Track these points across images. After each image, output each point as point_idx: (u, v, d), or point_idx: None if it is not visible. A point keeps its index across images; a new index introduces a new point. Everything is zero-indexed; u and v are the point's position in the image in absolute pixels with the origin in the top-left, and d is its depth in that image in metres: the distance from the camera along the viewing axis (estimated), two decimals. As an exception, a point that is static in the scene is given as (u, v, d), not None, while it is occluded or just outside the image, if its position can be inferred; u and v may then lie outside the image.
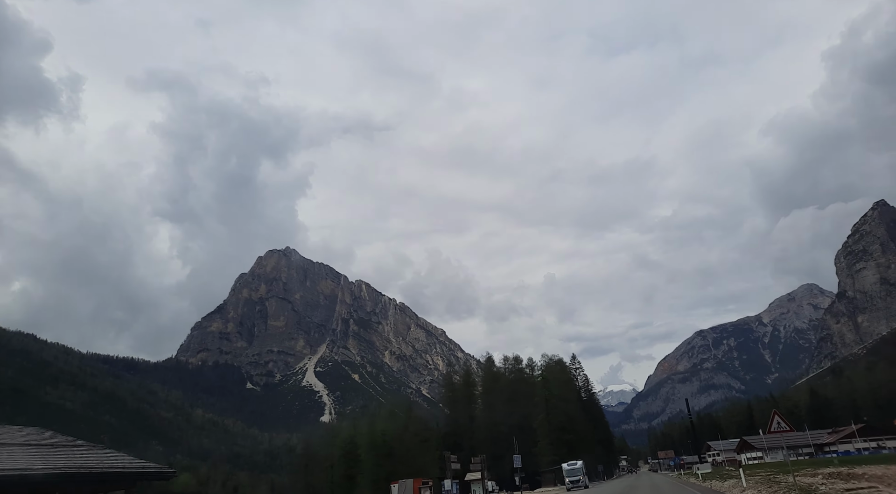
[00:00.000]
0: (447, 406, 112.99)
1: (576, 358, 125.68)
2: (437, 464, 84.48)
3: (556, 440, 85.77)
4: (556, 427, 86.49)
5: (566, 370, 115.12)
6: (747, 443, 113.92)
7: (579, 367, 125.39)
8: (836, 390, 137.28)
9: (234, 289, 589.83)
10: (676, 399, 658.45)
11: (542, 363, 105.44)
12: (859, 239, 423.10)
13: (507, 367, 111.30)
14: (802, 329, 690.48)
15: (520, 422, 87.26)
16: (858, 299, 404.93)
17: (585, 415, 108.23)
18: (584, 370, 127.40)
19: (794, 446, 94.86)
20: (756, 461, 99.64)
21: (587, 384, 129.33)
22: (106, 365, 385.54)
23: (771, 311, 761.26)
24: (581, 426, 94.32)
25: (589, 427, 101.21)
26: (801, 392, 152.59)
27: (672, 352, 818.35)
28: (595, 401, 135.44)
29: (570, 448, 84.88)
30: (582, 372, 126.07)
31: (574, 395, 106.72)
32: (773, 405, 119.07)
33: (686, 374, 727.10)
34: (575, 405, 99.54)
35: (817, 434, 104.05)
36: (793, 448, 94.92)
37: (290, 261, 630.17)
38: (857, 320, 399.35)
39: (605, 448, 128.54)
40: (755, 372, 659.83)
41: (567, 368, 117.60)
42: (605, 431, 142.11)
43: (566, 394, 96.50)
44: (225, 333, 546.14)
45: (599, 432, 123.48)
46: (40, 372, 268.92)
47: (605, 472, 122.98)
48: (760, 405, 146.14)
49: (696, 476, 66.65)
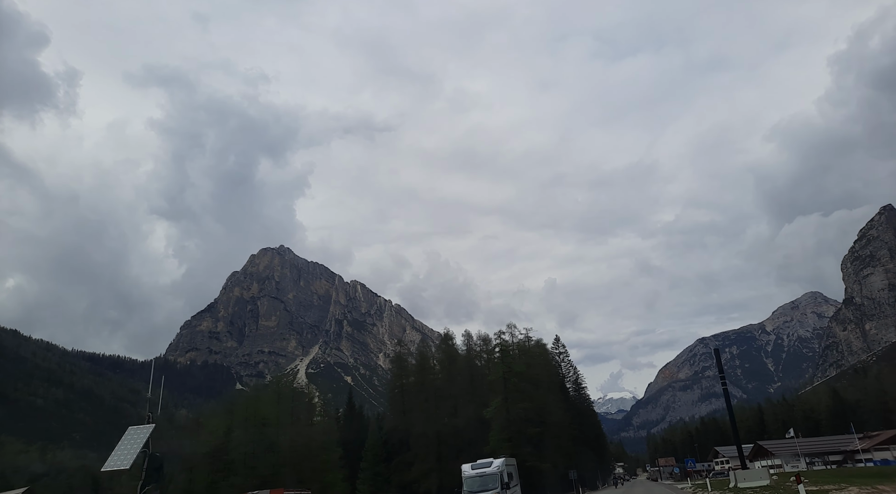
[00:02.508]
0: (395, 397, 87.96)
1: (560, 341, 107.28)
2: (343, 473, 69.63)
3: (517, 435, 64.30)
4: (518, 418, 65.43)
5: (546, 353, 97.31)
6: (763, 449, 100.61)
7: (563, 352, 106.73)
8: (861, 391, 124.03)
9: (226, 288, 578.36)
10: (677, 407, 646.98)
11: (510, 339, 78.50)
12: (866, 244, 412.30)
13: (473, 346, 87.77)
14: (806, 338, 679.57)
15: (479, 415, 68.73)
16: (866, 305, 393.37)
17: (570, 411, 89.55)
18: (569, 356, 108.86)
19: (817, 453, 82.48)
20: (773, 470, 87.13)
21: (575, 375, 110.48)
22: (89, 363, 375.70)
23: (774, 319, 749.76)
24: (555, 419, 74.35)
25: (565, 421, 80.00)
26: (817, 395, 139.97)
27: (673, 359, 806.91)
28: (585, 397, 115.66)
29: (537, 447, 65.99)
30: (567, 358, 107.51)
31: (552, 381, 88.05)
32: (787, 408, 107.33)
33: (687, 382, 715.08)
34: (556, 397, 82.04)
35: (844, 439, 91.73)
36: (817, 455, 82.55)
37: (284, 260, 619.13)
38: (864, 327, 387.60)
39: (595, 453, 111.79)
40: (758, 381, 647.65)
41: (548, 351, 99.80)
42: (596, 431, 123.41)
43: (537, 376, 76.93)
44: (215, 332, 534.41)
45: (586, 431, 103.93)
46: (13, 369, 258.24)
47: (586, 481, 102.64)
48: (773, 408, 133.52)
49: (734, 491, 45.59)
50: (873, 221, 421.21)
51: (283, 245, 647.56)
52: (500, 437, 63.32)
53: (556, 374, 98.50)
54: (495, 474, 39.21)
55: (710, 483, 55.55)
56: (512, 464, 44.37)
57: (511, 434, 63.75)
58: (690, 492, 59.21)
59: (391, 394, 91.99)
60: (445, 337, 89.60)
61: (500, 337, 74.27)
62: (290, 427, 66.91)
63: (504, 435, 63.56)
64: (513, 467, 44.47)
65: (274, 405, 68.34)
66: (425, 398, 75.71)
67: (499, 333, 74.61)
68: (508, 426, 64.32)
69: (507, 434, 63.66)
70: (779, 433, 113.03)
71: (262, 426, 62.05)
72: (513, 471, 43.43)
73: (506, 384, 66.85)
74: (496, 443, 62.29)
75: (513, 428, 64.36)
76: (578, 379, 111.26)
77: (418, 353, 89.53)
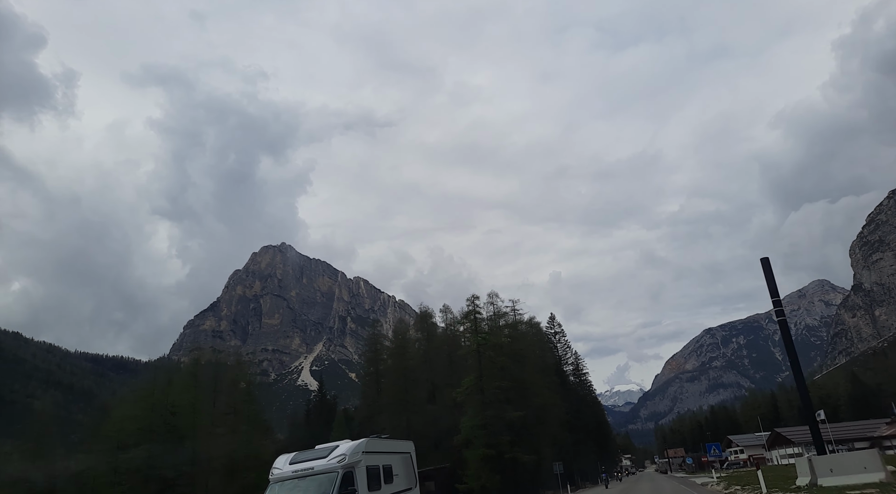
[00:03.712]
0: (368, 384, 77.77)
1: (555, 319, 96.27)
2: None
3: (494, 419, 53.57)
4: (495, 399, 54.56)
5: (540, 332, 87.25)
6: (781, 436, 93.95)
7: (560, 332, 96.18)
8: (882, 374, 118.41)
9: (228, 286, 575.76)
10: (684, 399, 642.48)
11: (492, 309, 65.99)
12: (875, 229, 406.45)
13: (450, 324, 75.08)
14: (814, 326, 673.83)
15: (459, 401, 57.45)
16: (875, 291, 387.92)
17: (569, 399, 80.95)
18: (566, 336, 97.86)
19: (842, 439, 77.42)
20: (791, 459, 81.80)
21: (574, 360, 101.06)
22: (92, 364, 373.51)
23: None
24: (544, 403, 63.82)
25: (558, 406, 69.41)
26: (834, 380, 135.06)
27: (680, 350, 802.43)
28: (586, 384, 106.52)
29: (520, 435, 55.57)
30: (564, 338, 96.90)
31: (546, 364, 79.37)
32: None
33: (694, 373, 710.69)
34: (551, 380, 72.88)
35: (868, 425, 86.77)
36: (841, 441, 77.63)
37: (286, 257, 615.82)
38: (874, 313, 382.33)
39: (597, 444, 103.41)
40: (765, 370, 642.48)
41: (542, 331, 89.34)
42: (598, 420, 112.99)
43: (523, 351, 66.28)
44: (218, 331, 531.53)
45: (586, 420, 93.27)
46: (11, 370, 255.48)
47: (588, 475, 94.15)
48: (787, 395, 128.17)
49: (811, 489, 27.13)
50: (882, 205, 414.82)
51: (284, 242, 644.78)
52: (472, 423, 53.64)
53: (551, 356, 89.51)
54: (331, 474, 18.65)
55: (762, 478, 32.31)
56: (397, 452, 24.32)
57: (487, 419, 53.70)
58: (723, 491, 40.30)
59: (364, 381, 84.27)
60: (423, 316, 77.66)
61: (472, 303, 60.88)
62: (215, 418, 54.43)
63: (478, 420, 53.64)
64: (398, 458, 24.05)
65: (191, 388, 54.10)
66: (398, 384, 66.29)
67: (472, 298, 61.16)
68: (483, 410, 54.06)
69: (482, 419, 53.55)
70: (794, 420, 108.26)
71: (171, 416, 50.05)
72: (397, 464, 23.63)
73: (480, 359, 56.37)
74: (469, 431, 53.54)
75: (489, 412, 53.98)
76: (579, 365, 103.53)
77: (394, 333, 76.24)
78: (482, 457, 52.07)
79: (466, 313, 61.74)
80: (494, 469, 52.09)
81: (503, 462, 52.49)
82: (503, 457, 52.23)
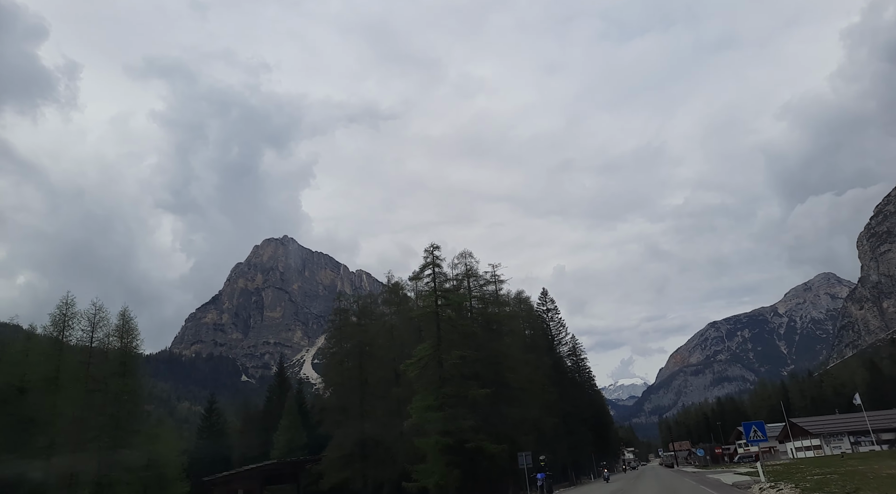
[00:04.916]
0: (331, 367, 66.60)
1: (547, 295, 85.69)
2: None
3: (453, 399, 42.51)
4: (457, 374, 43.28)
5: (530, 309, 77.24)
6: (798, 427, 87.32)
7: (553, 309, 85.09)
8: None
9: (230, 279, 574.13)
10: (689, 392, 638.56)
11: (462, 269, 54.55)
12: (883, 220, 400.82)
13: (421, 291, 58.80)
14: (820, 320, 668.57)
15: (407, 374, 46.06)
16: (883, 282, 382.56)
17: (561, 385, 73.20)
18: (559, 313, 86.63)
19: (864, 431, 72.93)
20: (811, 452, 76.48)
21: (572, 342, 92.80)
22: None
23: (786, 301, 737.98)
24: (523, 382, 53.04)
25: (538, 380, 59.03)
26: (849, 369, 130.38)
27: (684, 344, 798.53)
28: (584, 369, 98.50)
29: (485, 417, 43.83)
30: (557, 316, 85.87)
31: (536, 342, 71.32)
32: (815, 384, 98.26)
33: (699, 366, 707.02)
34: (539, 360, 64.19)
35: (891, 415, 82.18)
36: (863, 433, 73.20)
37: (288, 250, 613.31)
38: (882, 305, 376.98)
39: (596, 434, 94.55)
40: (770, 364, 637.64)
41: (532, 308, 79.34)
42: (596, 409, 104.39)
43: (498, 318, 56.74)
44: (220, 324, 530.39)
45: (581, 407, 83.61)
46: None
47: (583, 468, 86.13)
48: (799, 385, 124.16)
49: None
50: (890, 196, 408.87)
51: (287, 235, 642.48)
52: (425, 403, 42.25)
53: (543, 338, 79.65)
54: None
55: None
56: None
57: (444, 398, 42.35)
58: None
59: (325, 365, 74.08)
60: (393, 287, 64.47)
61: (431, 254, 47.61)
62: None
63: (433, 400, 42.44)
64: None
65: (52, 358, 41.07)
66: (359, 366, 56.25)
67: (430, 247, 47.67)
68: (441, 386, 42.85)
69: (439, 399, 42.32)
70: (806, 411, 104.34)
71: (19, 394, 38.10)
72: None
73: (439, 323, 44.89)
74: (420, 413, 41.90)
75: (448, 389, 42.67)
76: (577, 349, 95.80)
77: (360, 308, 64.72)
78: (438, 447, 40.93)
79: (423, 266, 48.03)
80: (453, 461, 40.76)
81: (465, 452, 41.31)
82: (464, 447, 41.07)
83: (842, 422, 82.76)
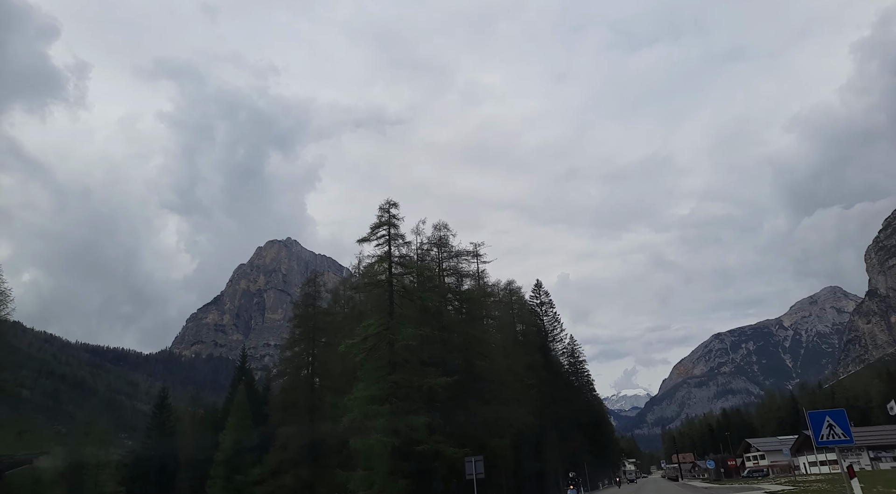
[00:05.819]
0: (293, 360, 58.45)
1: (541, 288, 78.22)
2: None
3: (405, 389, 34.48)
4: (411, 356, 35.71)
5: (522, 301, 70.93)
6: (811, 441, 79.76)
7: (547, 302, 77.98)
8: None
9: (232, 280, 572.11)
10: (692, 404, 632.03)
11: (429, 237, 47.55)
12: (891, 234, 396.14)
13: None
14: (825, 333, 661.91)
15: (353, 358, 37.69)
16: (891, 297, 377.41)
17: (554, 386, 67.95)
18: (554, 307, 79.14)
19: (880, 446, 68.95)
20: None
21: (570, 341, 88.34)
22: (90, 355, 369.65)
23: (792, 314, 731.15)
24: (502, 371, 46.20)
25: (516, 371, 51.18)
26: (862, 380, 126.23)
27: (688, 355, 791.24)
28: (583, 372, 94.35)
29: (445, 414, 36.59)
30: (552, 310, 78.37)
31: (528, 339, 65.76)
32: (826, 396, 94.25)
33: (703, 378, 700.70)
34: (534, 358, 59.37)
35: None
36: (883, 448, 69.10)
37: (291, 252, 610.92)
38: (889, 319, 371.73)
39: (593, 442, 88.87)
40: (775, 377, 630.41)
41: (527, 304, 73.71)
42: (595, 413, 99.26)
43: (468, 296, 48.52)
44: (220, 325, 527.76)
45: (576, 411, 77.93)
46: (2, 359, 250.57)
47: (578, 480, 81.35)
48: (809, 396, 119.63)
49: None
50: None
51: (290, 237, 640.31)
52: (368, 393, 33.72)
53: (535, 334, 72.04)
54: None
55: None
56: None
57: (393, 388, 33.96)
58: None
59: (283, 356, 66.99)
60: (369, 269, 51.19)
61: (387, 212, 38.06)
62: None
63: (378, 389, 33.98)
64: None
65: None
66: (309, 353, 50.85)
67: (387, 204, 38.12)
68: (390, 373, 34.27)
69: (386, 388, 33.87)
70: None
71: None
72: None
73: (391, 295, 36.29)
74: (361, 405, 33.32)
75: (398, 376, 34.24)
76: (575, 350, 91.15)
77: (332, 295, 57.31)
78: (380, 450, 32.68)
79: (375, 225, 37.93)
80: (400, 468, 32.97)
81: (417, 457, 33.51)
82: (415, 450, 33.09)
83: (859, 436, 78.87)
